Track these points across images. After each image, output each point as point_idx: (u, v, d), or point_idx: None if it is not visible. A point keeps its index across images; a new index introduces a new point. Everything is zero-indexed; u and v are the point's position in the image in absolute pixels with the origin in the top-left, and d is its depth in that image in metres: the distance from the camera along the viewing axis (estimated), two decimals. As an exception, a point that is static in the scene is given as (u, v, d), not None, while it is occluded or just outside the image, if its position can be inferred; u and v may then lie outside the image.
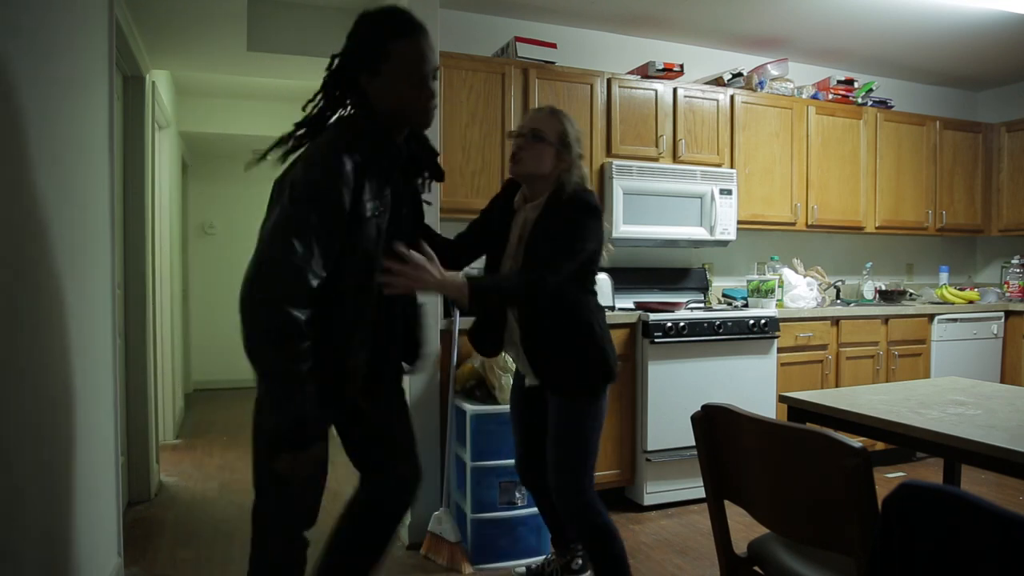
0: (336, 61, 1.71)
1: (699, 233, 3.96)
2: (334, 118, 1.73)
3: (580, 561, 2.60)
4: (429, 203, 2.03)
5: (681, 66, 4.06)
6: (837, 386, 4.04)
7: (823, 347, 4.07)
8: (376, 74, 1.65)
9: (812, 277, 4.36)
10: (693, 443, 1.68)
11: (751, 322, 3.70)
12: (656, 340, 3.48)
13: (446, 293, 1.95)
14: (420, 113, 1.72)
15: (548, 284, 2.01)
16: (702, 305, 4.11)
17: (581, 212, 2.10)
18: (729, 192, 4.00)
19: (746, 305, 4.07)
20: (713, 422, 1.62)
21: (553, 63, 3.76)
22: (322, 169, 1.54)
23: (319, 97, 1.73)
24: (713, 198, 3.95)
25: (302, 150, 1.67)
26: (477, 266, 2.34)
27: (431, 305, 3.09)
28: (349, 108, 1.71)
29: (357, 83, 1.67)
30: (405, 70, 1.66)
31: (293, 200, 1.52)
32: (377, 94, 1.66)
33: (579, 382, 2.18)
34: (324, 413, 1.61)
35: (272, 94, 5.28)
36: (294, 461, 1.52)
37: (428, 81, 1.70)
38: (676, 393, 3.53)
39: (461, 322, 3.11)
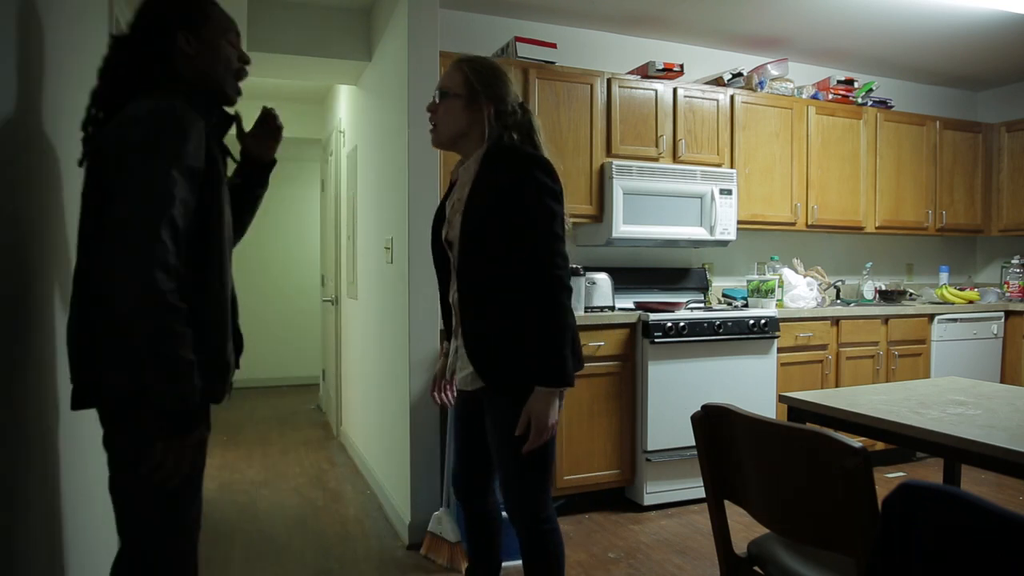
0: (143, 20, 1.55)
1: (699, 233, 3.96)
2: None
3: None
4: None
5: (681, 66, 4.06)
6: (837, 386, 4.04)
7: (823, 347, 4.07)
8: (198, 34, 1.56)
9: (812, 277, 4.36)
10: (693, 443, 1.68)
11: (751, 322, 3.70)
12: (656, 340, 3.48)
13: (550, 404, 1.83)
14: (232, 74, 1.64)
15: (563, 276, 1.83)
16: (702, 305, 4.11)
17: (531, 170, 1.86)
18: (729, 192, 4.00)
19: (746, 305, 4.07)
20: (713, 422, 1.62)
21: (553, 63, 3.76)
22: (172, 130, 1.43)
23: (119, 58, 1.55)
24: (713, 198, 3.95)
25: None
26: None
27: (431, 304, 3.10)
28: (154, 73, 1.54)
29: (174, 45, 1.53)
30: (224, 27, 1.61)
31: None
32: (196, 53, 1.55)
33: (529, 378, 1.86)
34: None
35: (272, 94, 5.28)
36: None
37: (239, 41, 1.67)
38: (676, 393, 3.53)
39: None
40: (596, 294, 3.68)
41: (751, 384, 3.72)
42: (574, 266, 3.62)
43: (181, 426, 1.37)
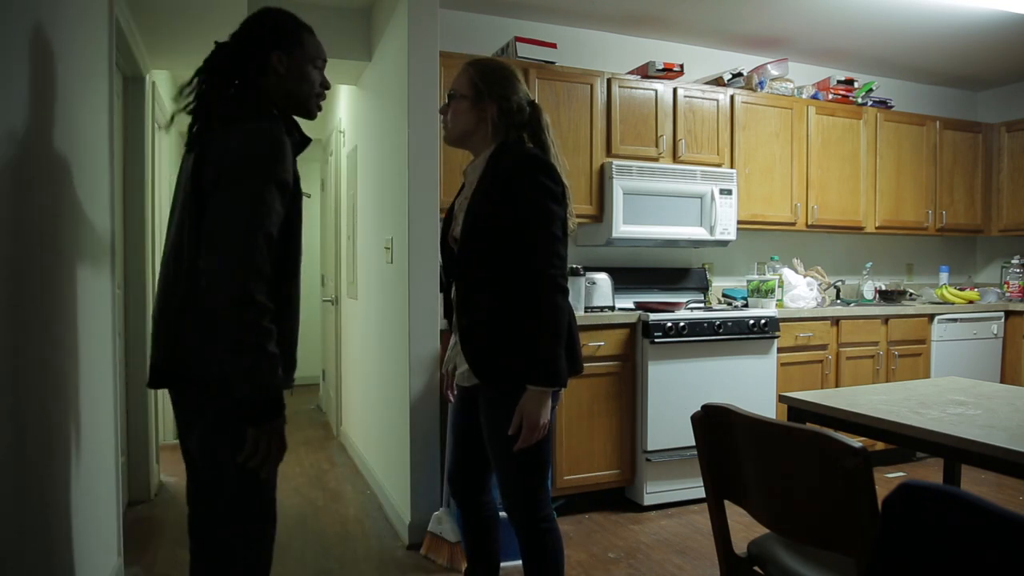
0: (245, 33, 1.76)
1: (699, 233, 3.96)
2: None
3: None
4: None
5: (681, 66, 4.06)
6: (837, 386, 4.04)
7: (823, 347, 4.07)
8: (290, 55, 1.73)
9: (812, 277, 4.36)
10: (693, 443, 1.68)
11: (751, 322, 3.70)
12: (656, 340, 3.48)
13: (542, 403, 1.84)
14: (314, 96, 1.81)
15: (558, 276, 1.84)
16: (702, 305, 4.11)
17: (530, 170, 1.88)
18: (729, 192, 4.00)
19: (746, 305, 4.07)
20: (713, 422, 1.62)
21: (553, 63, 3.76)
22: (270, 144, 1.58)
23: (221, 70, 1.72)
24: (713, 198, 3.95)
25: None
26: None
27: (431, 304, 3.10)
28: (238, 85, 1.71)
29: (268, 62, 1.71)
30: (312, 55, 1.78)
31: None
32: (286, 72, 1.72)
33: (521, 377, 1.86)
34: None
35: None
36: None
37: (324, 67, 1.82)
38: (676, 393, 3.53)
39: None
40: (596, 294, 3.68)
41: (751, 384, 3.72)
42: (574, 266, 3.63)
43: (269, 413, 1.50)
